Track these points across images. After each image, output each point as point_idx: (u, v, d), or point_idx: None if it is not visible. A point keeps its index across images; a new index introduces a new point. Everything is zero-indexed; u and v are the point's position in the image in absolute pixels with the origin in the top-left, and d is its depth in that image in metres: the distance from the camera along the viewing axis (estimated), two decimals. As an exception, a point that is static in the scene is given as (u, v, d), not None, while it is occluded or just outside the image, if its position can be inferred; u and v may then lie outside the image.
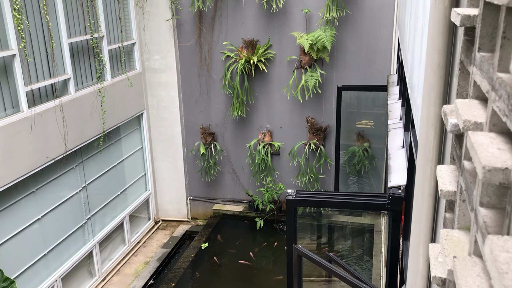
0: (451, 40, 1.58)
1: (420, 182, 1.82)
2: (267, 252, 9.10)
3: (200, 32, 9.42)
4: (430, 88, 1.64)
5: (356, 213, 9.71)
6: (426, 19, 2.63)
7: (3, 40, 6.05)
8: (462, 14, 1.24)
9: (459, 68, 1.47)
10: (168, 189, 10.42)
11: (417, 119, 2.97)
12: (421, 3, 3.12)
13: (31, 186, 6.72)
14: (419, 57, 3.03)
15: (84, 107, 7.56)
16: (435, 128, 1.67)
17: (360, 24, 8.68)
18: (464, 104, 1.18)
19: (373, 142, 9.36)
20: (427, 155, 1.72)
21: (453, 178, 1.47)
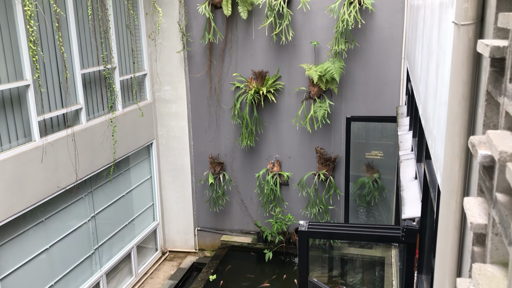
0: (475, 71, 1.58)
1: (444, 215, 1.79)
2: (277, 285, 8.94)
3: (211, 63, 9.55)
4: (454, 118, 1.63)
5: (366, 245, 9.57)
6: (442, 50, 2.64)
7: (18, 70, 6.15)
8: (491, 45, 1.24)
9: (485, 99, 1.46)
10: (176, 219, 10.35)
11: (434, 150, 2.95)
12: (435, 35, 3.15)
13: (40, 215, 6.70)
14: (434, 89, 3.03)
15: (95, 136, 7.60)
16: (460, 159, 1.65)
17: (369, 56, 8.76)
18: (497, 135, 1.17)
19: (382, 173, 9.31)
20: (452, 187, 1.70)
21: (482, 210, 1.45)
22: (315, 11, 8.78)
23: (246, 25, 9.21)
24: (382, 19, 8.54)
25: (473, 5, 1.50)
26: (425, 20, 4.03)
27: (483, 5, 1.53)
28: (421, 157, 4.85)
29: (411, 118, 6.46)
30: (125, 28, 8.58)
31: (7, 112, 6.08)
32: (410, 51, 6.57)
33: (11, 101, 6.13)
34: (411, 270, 4.39)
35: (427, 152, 4.02)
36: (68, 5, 6.95)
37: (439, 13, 2.86)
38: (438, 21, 2.89)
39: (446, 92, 2.34)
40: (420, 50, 4.50)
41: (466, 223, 1.76)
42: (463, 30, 1.55)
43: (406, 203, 4.53)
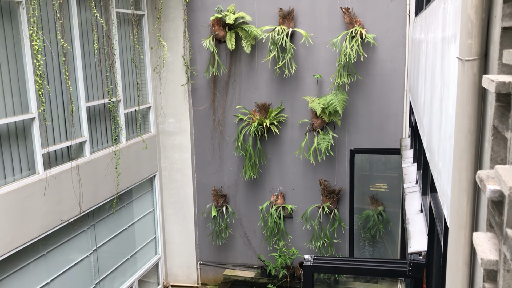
0: (481, 105, 1.59)
1: (453, 250, 1.76)
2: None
3: (214, 96, 9.64)
4: (461, 153, 1.62)
5: (372, 280, 9.40)
6: (446, 84, 2.66)
7: (24, 104, 6.21)
8: (496, 80, 1.25)
9: (492, 133, 1.46)
10: (178, 253, 10.23)
11: (440, 184, 2.93)
12: (438, 69, 3.18)
13: (41, 249, 6.64)
14: (439, 122, 3.04)
15: (98, 169, 7.61)
16: (468, 194, 1.64)
17: (371, 89, 8.84)
18: (505, 170, 1.16)
19: (387, 205, 9.23)
20: (460, 221, 1.68)
21: (492, 246, 1.42)
22: (318, 45, 8.91)
23: (250, 59, 9.34)
24: (384, 53, 8.65)
25: (477, 41, 1.52)
26: (428, 54, 4.08)
27: (487, 41, 1.55)
28: (427, 190, 4.81)
29: (415, 151, 6.45)
30: (130, 62, 8.71)
31: (12, 145, 6.11)
32: (413, 84, 6.63)
33: (16, 133, 6.17)
34: (419, 305, 4.29)
35: (433, 185, 3.99)
36: (74, 39, 7.08)
37: (442, 48, 2.89)
38: (441, 55, 2.93)
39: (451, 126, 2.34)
40: (423, 83, 4.53)
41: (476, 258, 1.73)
42: (467, 65, 1.56)
43: (412, 237, 4.47)
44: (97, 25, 7.51)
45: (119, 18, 8.26)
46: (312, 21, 8.88)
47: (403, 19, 8.48)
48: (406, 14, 8.43)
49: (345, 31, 8.58)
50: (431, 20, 3.82)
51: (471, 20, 1.54)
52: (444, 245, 2.95)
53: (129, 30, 8.63)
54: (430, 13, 4.03)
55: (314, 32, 8.88)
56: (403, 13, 8.46)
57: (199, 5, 9.37)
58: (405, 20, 8.48)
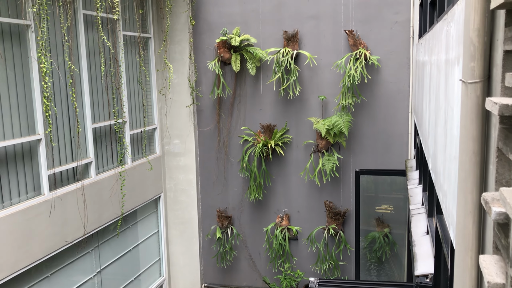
0: (485, 127, 1.59)
1: (460, 273, 1.74)
2: None
3: (219, 117, 9.69)
4: (466, 175, 1.62)
5: (378, 303, 9.25)
6: (450, 106, 2.67)
7: (31, 125, 6.27)
8: (499, 103, 1.26)
9: (496, 155, 1.46)
10: (182, 274, 10.15)
11: (445, 205, 2.92)
12: (442, 91, 3.19)
13: (45, 270, 6.61)
14: (443, 143, 3.04)
15: (103, 190, 7.61)
16: (474, 216, 1.63)
17: (376, 110, 8.86)
18: (510, 193, 1.16)
19: (393, 227, 9.15)
20: (466, 244, 1.67)
21: (499, 269, 1.41)
22: (322, 66, 8.98)
23: (255, 80, 9.42)
24: (388, 74, 8.70)
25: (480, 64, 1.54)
26: (432, 76, 4.10)
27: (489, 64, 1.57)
28: (432, 212, 4.78)
29: (420, 172, 6.43)
30: (136, 84, 8.80)
31: (18, 166, 6.14)
32: (417, 105, 6.64)
33: (23, 154, 6.21)
34: (426, 330, 4.21)
35: (438, 207, 3.97)
36: (82, 62, 7.18)
37: (446, 70, 2.91)
38: (445, 77, 2.95)
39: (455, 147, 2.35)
40: (427, 105, 4.55)
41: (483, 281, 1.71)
42: (470, 88, 1.57)
43: (418, 259, 4.43)
44: (104, 47, 7.61)
45: (126, 40, 8.38)
46: (316, 43, 8.97)
47: (407, 41, 8.55)
48: (410, 36, 8.50)
49: (349, 53, 8.66)
50: (435, 42, 3.86)
51: (474, 43, 1.56)
52: (451, 267, 2.92)
53: (136, 53, 8.74)
54: (433, 35, 4.07)
55: (318, 54, 8.96)
56: (406, 35, 8.53)
57: (205, 27, 9.50)
58: (409, 42, 8.55)
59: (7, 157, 5.97)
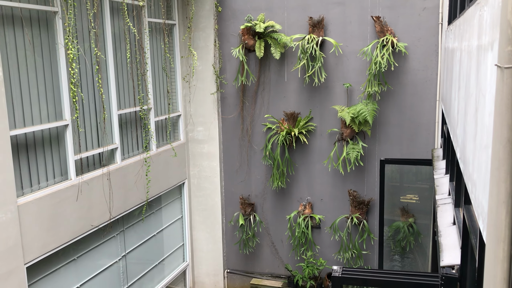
0: (521, 115, 1.53)
1: (491, 265, 1.69)
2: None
3: (243, 105, 9.67)
4: (499, 163, 1.57)
5: (401, 293, 9.17)
6: (482, 93, 2.59)
7: (58, 111, 6.37)
8: (539, 88, 1.20)
9: (533, 143, 1.40)
10: (205, 260, 10.25)
11: (475, 195, 2.84)
12: (472, 78, 3.09)
13: (72, 253, 6.75)
14: (474, 132, 2.95)
15: (129, 176, 7.71)
16: (507, 206, 1.58)
17: (402, 98, 8.70)
18: (549, 182, 1.10)
19: (418, 217, 9.03)
20: (499, 234, 1.61)
21: (533, 261, 1.36)
22: (348, 54, 8.85)
23: (279, 67, 9.35)
24: (416, 62, 8.52)
25: (517, 47, 1.47)
26: (462, 63, 3.98)
27: (527, 48, 1.50)
28: (460, 202, 4.69)
29: (447, 161, 6.30)
30: (161, 71, 8.84)
31: (46, 151, 6.26)
32: (445, 93, 6.49)
33: (50, 140, 6.33)
34: (451, 321, 4.15)
35: (466, 197, 3.88)
36: (108, 48, 7.24)
37: (477, 56, 2.82)
38: (476, 64, 2.85)
39: (487, 136, 2.27)
40: (457, 92, 4.43)
41: (515, 274, 1.66)
42: (507, 72, 1.51)
43: (444, 250, 4.35)
44: (129, 34, 7.65)
45: (151, 27, 8.41)
46: (342, 29, 8.83)
47: (436, 28, 8.34)
48: (439, 23, 8.29)
49: (376, 40, 8.50)
50: (466, 28, 3.74)
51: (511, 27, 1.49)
52: (479, 259, 2.85)
53: (161, 39, 8.77)
54: (464, 21, 3.94)
55: (344, 41, 8.83)
56: (435, 21, 8.32)
57: (229, 14, 9.45)
58: (438, 29, 8.34)
59: (35, 142, 6.09)
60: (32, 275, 6.02)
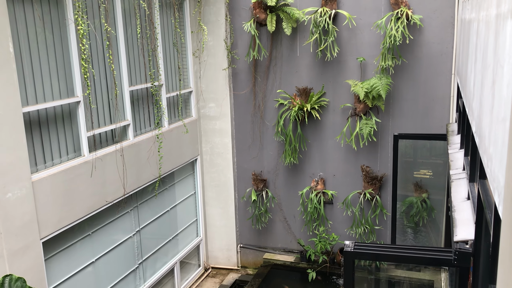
0: (541, 85, 1.46)
1: (506, 240, 1.65)
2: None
3: (255, 80, 9.59)
4: (517, 136, 1.51)
5: (414, 268, 9.20)
6: (500, 64, 2.50)
7: (70, 87, 6.37)
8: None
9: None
10: (218, 235, 10.35)
11: (490, 170, 2.78)
12: (490, 49, 3.00)
13: (87, 229, 6.85)
14: (490, 105, 2.88)
15: (141, 152, 7.74)
16: (524, 180, 1.52)
17: (417, 72, 8.54)
18: None
19: (431, 193, 8.97)
20: (515, 209, 1.57)
21: (551, 236, 1.32)
22: (361, 27, 8.68)
23: (291, 42, 9.21)
24: (431, 35, 8.32)
25: (539, 13, 1.40)
26: (479, 34, 3.87)
27: (550, 14, 1.42)
28: (474, 177, 4.62)
29: (462, 136, 6.20)
30: (172, 46, 8.77)
31: (58, 128, 6.29)
32: (461, 66, 6.35)
33: (63, 116, 6.35)
34: (464, 296, 4.14)
35: (482, 171, 3.82)
36: (118, 24, 7.18)
37: (496, 26, 2.72)
38: (495, 34, 2.76)
39: (504, 108, 2.20)
40: (473, 65, 4.32)
41: (531, 249, 1.62)
42: (527, 40, 1.44)
43: (458, 225, 4.31)
44: (139, 9, 7.57)
45: (161, 2, 8.31)
46: (355, 2, 8.64)
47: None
48: (456, -6, 8.06)
49: (390, 12, 8.30)
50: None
51: (533, -9, 1.42)
52: (494, 234, 2.81)
53: (171, 14, 8.67)
54: (482, -10, 3.80)
55: (357, 14, 8.64)
56: (452, -8, 8.09)
57: (240, -12, 9.29)
58: (454, 0, 8.11)
59: (48, 119, 6.12)
60: (48, 250, 6.13)
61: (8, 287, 2.50)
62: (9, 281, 2.50)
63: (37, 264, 5.83)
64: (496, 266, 2.81)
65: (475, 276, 3.97)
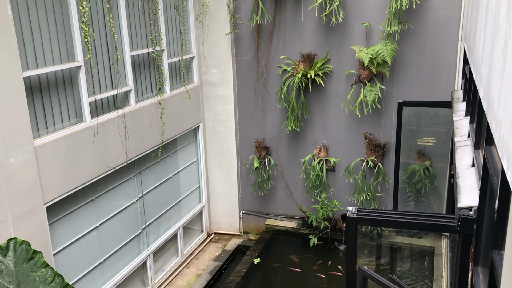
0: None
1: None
2: (321, 270, 8.84)
3: (258, 46, 9.43)
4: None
5: (415, 235, 9.28)
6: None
7: (70, 52, 6.27)
8: None
9: None
10: (221, 202, 10.41)
11: (499, 135, 2.74)
12: (503, 10, 2.91)
13: (90, 194, 6.88)
14: (501, 68, 2.81)
15: (143, 118, 7.70)
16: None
17: (423, 38, 8.39)
18: None
19: (434, 161, 8.95)
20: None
21: None
22: (367, -9, 8.46)
23: (295, 6, 9.02)
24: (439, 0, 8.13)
25: None
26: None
27: None
28: (480, 143, 4.59)
29: (468, 103, 6.13)
30: (173, 10, 8.59)
31: (60, 93, 6.23)
32: (469, 31, 6.21)
33: (64, 81, 6.28)
34: (466, 261, 4.17)
35: (488, 138, 3.77)
36: (118, -13, 7.01)
37: (510, -15, 2.62)
38: (509, -6, 2.66)
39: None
40: (483, 29, 4.21)
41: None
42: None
43: (462, 192, 4.30)
44: (140, -29, 7.38)
45: (162, -36, 8.09)
46: (362, -35, 8.40)
47: (462, -38, 7.88)
48: (465, -44, 7.82)
49: (397, -24, 8.08)
50: (497, -43, 3.48)
51: None
52: (500, 200, 2.79)
53: (172, -23, 8.46)
54: (495, -51, 3.67)
55: (363, -22, 8.42)
56: (461, -45, 7.85)
57: (244, -50, 9.02)
58: (464, -38, 7.88)
59: (49, 84, 6.05)
60: (52, 214, 6.17)
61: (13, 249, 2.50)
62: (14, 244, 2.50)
63: (41, 229, 5.88)
64: (502, 232, 2.81)
65: (478, 242, 3.98)
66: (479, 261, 4.01)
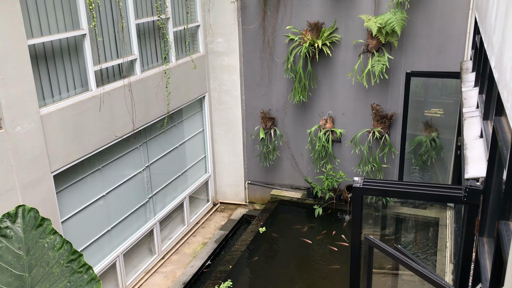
0: None
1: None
2: (326, 240, 8.93)
3: (265, 14, 9.28)
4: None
5: (420, 206, 9.32)
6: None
7: (75, 20, 6.19)
8: None
9: None
10: (227, 172, 10.46)
11: (510, 105, 2.70)
12: (519, -24, 2.82)
13: (97, 163, 6.91)
14: (515, 36, 2.74)
15: (149, 88, 7.66)
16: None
17: (433, 7, 8.21)
18: None
19: (441, 132, 8.90)
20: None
21: None
22: (377, -42, 8.25)
23: (303, -26, 8.82)
24: (450, -34, 7.91)
25: None
26: (506, -39, 3.63)
27: None
28: (489, 114, 4.53)
29: (477, 73, 6.04)
30: (179, -22, 8.43)
31: (65, 61, 6.19)
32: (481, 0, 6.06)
33: (69, 50, 6.22)
34: (471, 232, 4.18)
35: (498, 109, 3.72)
36: (122, -47, 6.86)
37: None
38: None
39: (533, 38, 2.09)
40: (496, -4, 4.10)
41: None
42: None
43: (469, 162, 4.28)
44: None
45: None
46: None
47: None
48: None
49: None
50: None
51: None
52: (510, 170, 2.77)
53: None
54: None
55: None
56: None
57: None
58: None
59: (54, 53, 6.00)
60: (59, 183, 6.21)
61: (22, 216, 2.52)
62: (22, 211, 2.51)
63: (49, 197, 5.94)
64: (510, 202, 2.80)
65: (484, 213, 3.99)
66: (485, 231, 4.02)
